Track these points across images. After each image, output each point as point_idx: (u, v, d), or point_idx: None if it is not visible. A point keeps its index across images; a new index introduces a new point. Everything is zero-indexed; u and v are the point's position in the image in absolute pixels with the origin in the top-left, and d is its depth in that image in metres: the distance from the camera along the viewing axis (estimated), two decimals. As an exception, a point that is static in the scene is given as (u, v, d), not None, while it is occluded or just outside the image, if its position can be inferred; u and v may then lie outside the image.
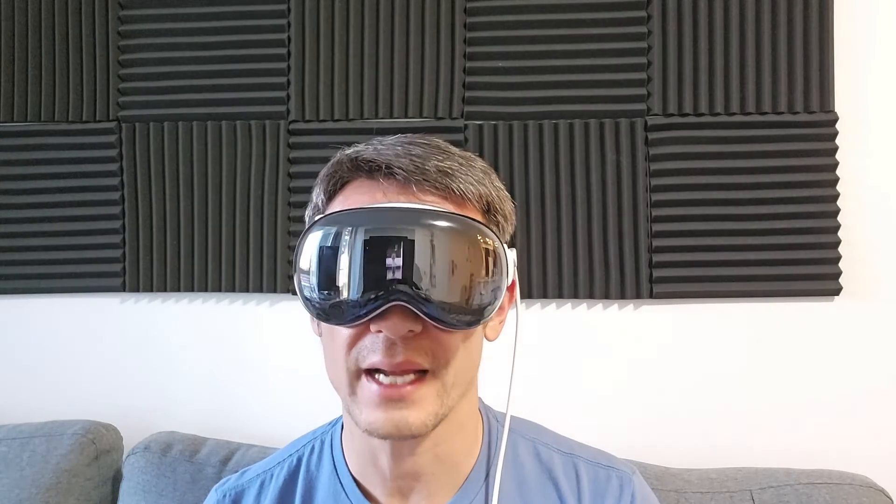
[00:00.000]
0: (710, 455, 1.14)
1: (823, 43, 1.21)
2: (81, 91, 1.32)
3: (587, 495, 0.66)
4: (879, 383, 1.20)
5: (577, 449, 0.70)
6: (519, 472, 0.67)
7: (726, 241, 1.21)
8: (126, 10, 1.32)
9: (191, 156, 1.30)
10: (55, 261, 1.32)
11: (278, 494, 0.68)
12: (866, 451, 1.18)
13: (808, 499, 0.98)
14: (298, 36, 1.28)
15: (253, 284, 1.28)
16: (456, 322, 0.55)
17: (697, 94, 1.23)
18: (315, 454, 0.69)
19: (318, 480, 0.67)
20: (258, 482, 0.70)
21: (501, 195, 0.63)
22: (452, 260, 0.55)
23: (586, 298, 1.24)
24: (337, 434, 0.69)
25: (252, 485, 0.70)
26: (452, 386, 0.58)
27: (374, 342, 0.55)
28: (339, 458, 0.67)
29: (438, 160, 0.58)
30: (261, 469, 0.71)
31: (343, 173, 0.60)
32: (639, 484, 0.69)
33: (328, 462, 0.68)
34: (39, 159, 1.32)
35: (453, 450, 0.64)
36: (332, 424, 0.71)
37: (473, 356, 0.62)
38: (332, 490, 0.65)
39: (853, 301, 1.21)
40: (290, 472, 0.69)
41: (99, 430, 1.18)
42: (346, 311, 0.54)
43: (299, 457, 0.70)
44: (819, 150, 1.20)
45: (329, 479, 0.66)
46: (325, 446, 0.69)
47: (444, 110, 1.26)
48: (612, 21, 1.24)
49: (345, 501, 0.64)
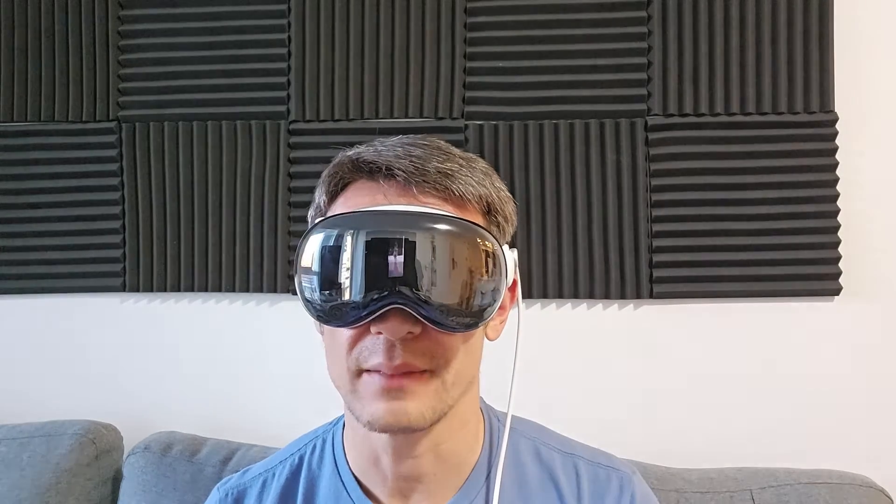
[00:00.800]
0: (710, 455, 1.14)
1: (823, 43, 1.21)
2: (81, 91, 1.32)
3: (587, 495, 0.66)
4: (879, 383, 1.20)
5: (577, 449, 0.70)
6: (520, 472, 0.67)
7: (726, 241, 1.21)
8: (126, 10, 1.32)
9: (191, 156, 1.30)
10: (55, 261, 1.32)
11: (280, 493, 0.68)
12: (866, 451, 1.18)
13: (808, 499, 0.98)
14: (298, 36, 1.28)
15: (253, 284, 1.29)
16: (455, 324, 0.55)
17: (697, 94, 1.23)
18: (316, 453, 0.69)
19: (319, 479, 0.67)
20: (260, 481, 0.70)
21: (502, 196, 0.63)
22: (451, 263, 0.55)
23: (586, 298, 1.24)
24: (338, 433, 0.69)
25: (254, 484, 0.70)
26: (452, 385, 0.58)
27: (374, 343, 0.56)
28: (341, 457, 0.67)
29: (439, 161, 0.58)
30: (263, 468, 0.71)
31: (344, 174, 0.61)
32: (639, 484, 0.69)
33: (329, 461, 0.68)
34: (39, 159, 1.32)
35: (454, 449, 0.64)
36: (334, 424, 0.71)
37: (473, 356, 0.62)
38: (333, 489, 0.66)
39: (853, 301, 1.21)
40: (291, 471, 0.69)
41: (99, 430, 1.18)
42: (346, 313, 0.55)
43: (301, 456, 0.70)
44: (819, 150, 1.20)
45: (331, 478, 0.66)
46: (327, 445, 0.69)
47: (444, 110, 1.26)
48: (612, 21, 1.24)
49: (346, 500, 0.65)
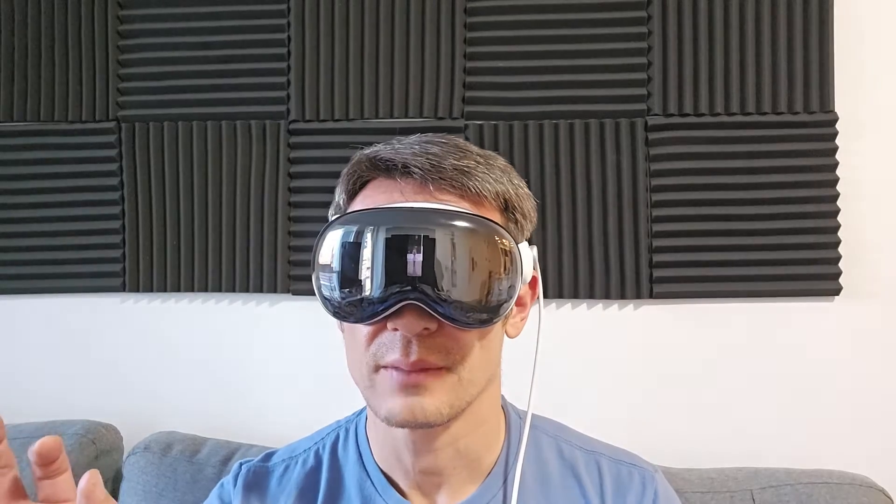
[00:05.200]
0: (710, 455, 1.14)
1: (823, 43, 1.21)
2: (81, 91, 1.32)
3: (609, 492, 0.66)
4: (879, 383, 1.20)
5: (599, 447, 0.71)
6: (542, 469, 0.67)
7: (726, 241, 1.21)
8: (126, 10, 1.32)
9: (191, 156, 1.30)
10: (55, 261, 1.32)
11: (303, 480, 0.68)
12: (866, 451, 1.18)
13: (808, 499, 0.98)
14: (298, 36, 1.28)
15: (253, 284, 1.28)
16: (470, 321, 0.55)
17: (697, 94, 1.23)
18: (341, 442, 0.70)
19: (344, 469, 0.68)
20: (283, 466, 0.71)
21: (521, 193, 0.63)
22: (466, 259, 0.55)
23: (586, 298, 1.24)
24: (362, 423, 0.70)
25: (276, 468, 0.71)
26: (469, 381, 0.58)
27: (391, 339, 0.56)
28: (365, 448, 0.68)
29: (455, 159, 0.58)
30: (287, 454, 0.72)
31: (362, 172, 0.61)
32: (661, 482, 0.69)
33: (354, 451, 0.68)
34: (39, 159, 1.32)
35: (474, 445, 0.64)
36: (357, 414, 0.72)
37: (491, 353, 0.62)
38: (357, 478, 0.66)
39: (853, 301, 1.21)
40: (316, 459, 0.70)
41: (99, 430, 1.18)
42: (363, 309, 0.55)
43: (325, 445, 0.71)
44: (819, 150, 1.20)
45: (355, 468, 0.67)
46: (350, 435, 0.70)
47: (444, 110, 1.26)
48: (612, 21, 1.24)
49: (370, 490, 0.65)
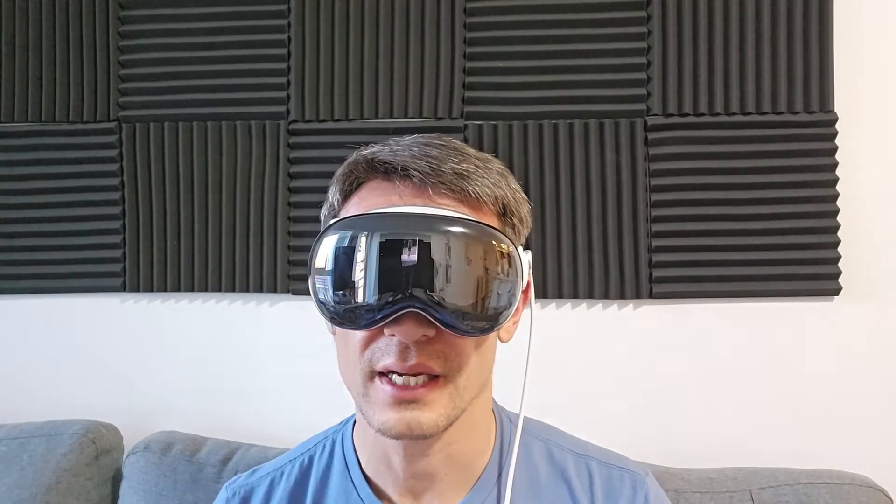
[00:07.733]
0: (709, 455, 1.14)
1: (823, 43, 1.21)
2: (81, 91, 1.32)
3: (600, 496, 0.66)
4: (879, 383, 1.20)
5: (590, 450, 0.70)
6: (532, 473, 0.67)
7: (726, 241, 1.21)
8: (126, 10, 1.32)
9: (191, 156, 1.30)
10: (55, 261, 1.32)
11: (289, 493, 0.68)
12: (866, 451, 1.18)
13: (808, 499, 0.98)
14: (298, 36, 1.28)
15: (253, 284, 1.28)
16: (470, 328, 0.55)
17: (697, 94, 1.23)
18: (326, 453, 0.69)
19: (329, 479, 0.67)
20: (268, 480, 0.70)
21: (518, 197, 0.62)
22: (467, 266, 0.54)
23: (586, 298, 1.24)
24: (348, 433, 0.69)
25: (262, 483, 0.70)
26: (465, 389, 0.58)
27: (387, 345, 0.55)
28: (351, 457, 0.67)
29: (455, 162, 0.57)
30: (271, 468, 0.71)
31: (359, 173, 0.60)
32: (652, 485, 0.69)
33: (339, 461, 0.68)
34: (39, 159, 1.32)
35: (466, 450, 0.64)
36: (343, 424, 0.71)
37: (487, 359, 0.61)
38: (343, 489, 0.66)
39: (853, 301, 1.21)
40: (301, 472, 0.69)
41: (99, 429, 1.18)
42: (360, 316, 0.54)
43: (310, 456, 0.70)
44: (819, 150, 1.20)
45: (340, 479, 0.66)
46: (336, 445, 0.69)
47: (444, 110, 1.26)
48: (612, 21, 1.24)
49: (356, 500, 0.65)
